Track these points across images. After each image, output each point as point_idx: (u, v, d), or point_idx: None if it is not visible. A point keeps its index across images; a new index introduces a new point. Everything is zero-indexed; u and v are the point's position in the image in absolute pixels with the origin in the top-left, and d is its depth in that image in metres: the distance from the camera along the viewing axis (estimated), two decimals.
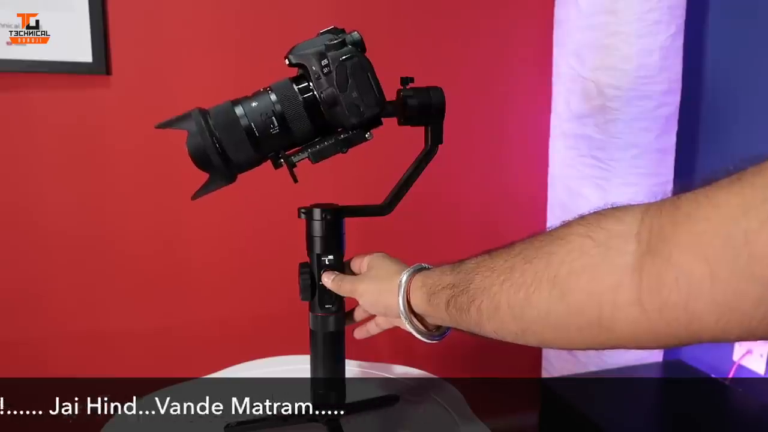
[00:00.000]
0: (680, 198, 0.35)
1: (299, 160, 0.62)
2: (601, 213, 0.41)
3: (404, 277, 0.57)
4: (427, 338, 0.58)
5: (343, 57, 0.58)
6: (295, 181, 0.61)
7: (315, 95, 0.60)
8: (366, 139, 0.63)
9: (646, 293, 0.35)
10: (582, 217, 0.42)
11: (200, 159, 0.58)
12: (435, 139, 0.67)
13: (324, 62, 0.58)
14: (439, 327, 0.59)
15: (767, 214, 0.29)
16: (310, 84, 0.60)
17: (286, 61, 0.61)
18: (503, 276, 0.45)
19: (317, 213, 0.65)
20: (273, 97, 0.59)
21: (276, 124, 0.58)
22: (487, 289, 0.46)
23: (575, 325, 0.40)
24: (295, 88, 0.60)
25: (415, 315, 0.57)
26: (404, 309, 0.57)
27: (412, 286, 0.57)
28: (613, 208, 0.40)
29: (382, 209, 0.67)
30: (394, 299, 0.57)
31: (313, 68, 0.59)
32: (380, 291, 0.60)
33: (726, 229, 0.31)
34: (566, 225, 0.43)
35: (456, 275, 0.51)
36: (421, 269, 0.59)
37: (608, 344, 0.40)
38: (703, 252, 0.32)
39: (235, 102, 0.60)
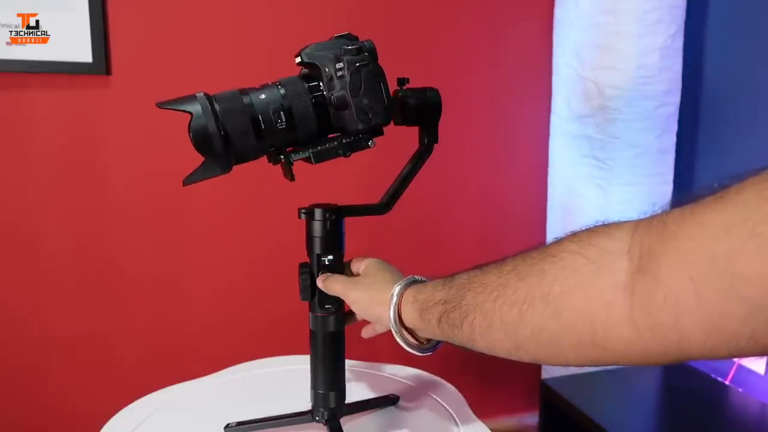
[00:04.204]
0: (668, 215, 0.35)
1: (299, 159, 0.62)
2: (593, 230, 0.41)
3: (396, 291, 0.57)
4: (418, 351, 0.58)
5: (359, 63, 0.58)
6: (293, 179, 0.61)
7: (324, 96, 0.60)
8: (368, 147, 0.63)
9: (638, 312, 0.35)
10: (573, 234, 0.42)
11: (202, 142, 0.56)
12: (431, 138, 0.67)
13: (339, 65, 0.58)
14: (430, 340, 0.58)
15: (749, 232, 0.29)
16: (321, 84, 0.60)
17: (297, 59, 0.61)
18: (496, 293, 0.45)
19: (317, 213, 0.65)
20: (282, 91, 0.59)
21: (283, 119, 0.58)
22: (479, 306, 0.46)
23: (568, 342, 0.40)
24: (305, 86, 0.60)
25: (406, 328, 0.57)
26: (395, 323, 0.57)
27: (404, 301, 0.57)
28: (604, 225, 0.41)
29: (381, 208, 0.67)
30: (385, 311, 0.57)
31: (327, 69, 0.59)
32: (372, 301, 0.60)
33: (710, 248, 0.31)
34: (558, 242, 0.43)
35: (448, 291, 0.51)
36: (413, 282, 0.58)
37: (602, 362, 0.40)
38: (689, 271, 0.32)
39: (243, 91, 0.59)
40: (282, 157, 0.61)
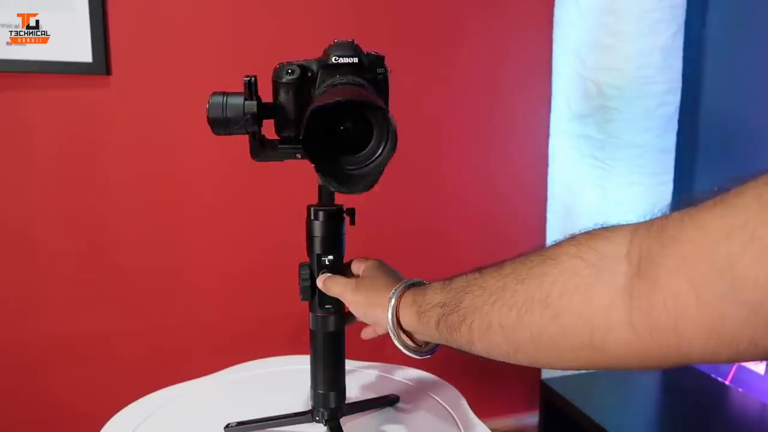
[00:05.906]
0: (667, 218, 0.35)
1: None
2: (591, 233, 0.41)
3: (395, 293, 0.57)
4: (416, 354, 0.58)
5: (388, 70, 0.62)
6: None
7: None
8: None
9: (637, 315, 0.35)
10: (572, 237, 0.42)
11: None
12: None
13: (380, 69, 0.61)
14: (428, 343, 0.58)
15: (749, 236, 0.29)
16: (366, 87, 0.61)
17: (353, 60, 0.59)
18: (495, 296, 0.45)
19: (317, 213, 0.65)
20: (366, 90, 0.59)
21: None
22: (478, 309, 0.46)
23: (567, 346, 0.40)
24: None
25: (404, 331, 0.57)
26: (393, 325, 0.57)
27: (402, 303, 0.57)
28: (602, 228, 0.41)
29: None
30: (383, 314, 0.57)
31: (378, 70, 0.61)
32: (369, 304, 0.60)
33: (710, 252, 0.31)
34: (557, 245, 0.43)
35: (446, 293, 0.51)
36: (412, 285, 0.58)
37: (601, 365, 0.40)
38: (689, 275, 0.32)
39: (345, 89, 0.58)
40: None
